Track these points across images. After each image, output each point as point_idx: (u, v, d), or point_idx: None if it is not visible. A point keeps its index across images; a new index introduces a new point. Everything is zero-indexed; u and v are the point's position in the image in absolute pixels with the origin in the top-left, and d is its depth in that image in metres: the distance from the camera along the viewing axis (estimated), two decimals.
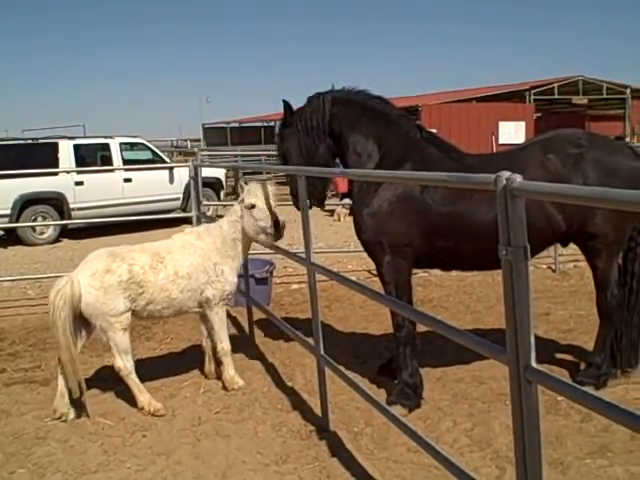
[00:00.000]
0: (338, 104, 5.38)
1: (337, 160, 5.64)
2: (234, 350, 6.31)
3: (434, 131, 5.55)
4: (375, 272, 5.99)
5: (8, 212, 14.01)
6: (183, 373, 5.96)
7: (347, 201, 13.51)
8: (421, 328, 5.23)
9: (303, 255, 4.80)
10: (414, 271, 5.38)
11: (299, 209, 5.30)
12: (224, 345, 5.59)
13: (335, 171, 5.51)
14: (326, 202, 5.92)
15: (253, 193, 5.46)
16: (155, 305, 5.24)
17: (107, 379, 5.76)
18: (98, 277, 5.00)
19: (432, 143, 5.32)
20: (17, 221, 14.03)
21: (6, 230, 14.52)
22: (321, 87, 5.55)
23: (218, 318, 5.55)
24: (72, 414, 5.07)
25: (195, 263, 5.39)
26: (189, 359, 6.33)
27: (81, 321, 5.11)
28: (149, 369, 5.85)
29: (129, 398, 5.26)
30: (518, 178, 2.37)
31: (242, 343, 6.78)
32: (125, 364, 5.11)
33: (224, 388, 5.58)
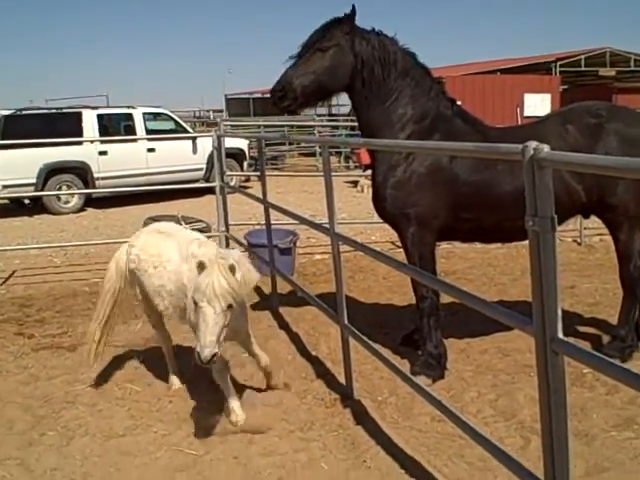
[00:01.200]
0: (400, 56, 5.07)
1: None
2: (259, 319, 6.33)
3: (459, 103, 5.46)
4: (399, 244, 5.98)
5: (33, 181, 14.17)
6: None
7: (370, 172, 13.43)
8: (445, 299, 5.23)
9: (327, 226, 4.80)
10: (437, 243, 5.36)
11: (274, 104, 5.02)
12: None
13: (360, 141, 5.46)
14: (348, 173, 5.79)
15: (202, 288, 3.61)
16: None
17: (134, 346, 5.85)
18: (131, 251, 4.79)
19: (459, 116, 5.27)
20: (42, 190, 14.17)
21: (32, 199, 14.75)
22: None
23: None
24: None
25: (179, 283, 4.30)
26: None
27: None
28: (176, 337, 5.88)
29: (156, 364, 5.33)
30: (545, 148, 2.36)
31: (267, 313, 6.83)
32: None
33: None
